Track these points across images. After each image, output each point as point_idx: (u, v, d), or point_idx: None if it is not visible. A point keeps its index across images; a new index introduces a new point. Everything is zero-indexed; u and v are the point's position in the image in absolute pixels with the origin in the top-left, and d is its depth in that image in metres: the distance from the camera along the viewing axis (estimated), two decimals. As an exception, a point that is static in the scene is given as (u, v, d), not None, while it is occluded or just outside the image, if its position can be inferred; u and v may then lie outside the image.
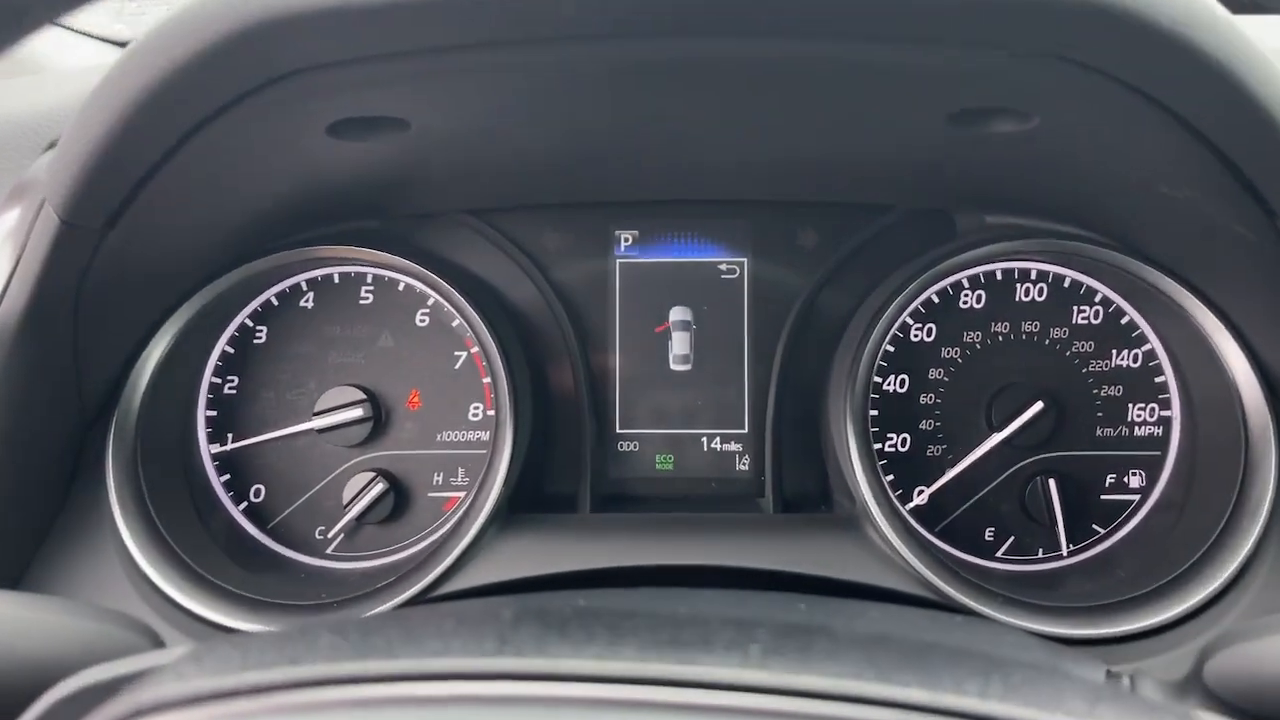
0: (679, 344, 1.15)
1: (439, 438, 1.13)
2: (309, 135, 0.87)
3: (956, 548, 1.11)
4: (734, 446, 1.15)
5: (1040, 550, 1.10)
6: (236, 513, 1.12)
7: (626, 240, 1.15)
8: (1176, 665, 0.93)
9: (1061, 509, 1.08)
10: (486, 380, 1.12)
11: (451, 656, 0.59)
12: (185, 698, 0.66)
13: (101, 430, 1.03)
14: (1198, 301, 1.02)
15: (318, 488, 1.12)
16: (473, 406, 1.13)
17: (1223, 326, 1.02)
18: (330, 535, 1.11)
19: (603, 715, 0.54)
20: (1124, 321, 1.09)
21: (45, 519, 1.02)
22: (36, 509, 0.99)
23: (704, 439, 1.16)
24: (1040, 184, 1.01)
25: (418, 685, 0.59)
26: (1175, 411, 1.07)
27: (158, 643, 0.86)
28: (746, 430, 1.14)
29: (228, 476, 1.12)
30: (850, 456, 1.04)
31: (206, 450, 1.12)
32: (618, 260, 1.15)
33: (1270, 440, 0.99)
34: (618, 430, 1.15)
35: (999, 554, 1.11)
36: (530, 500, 1.09)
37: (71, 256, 0.92)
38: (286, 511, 1.13)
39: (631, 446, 1.15)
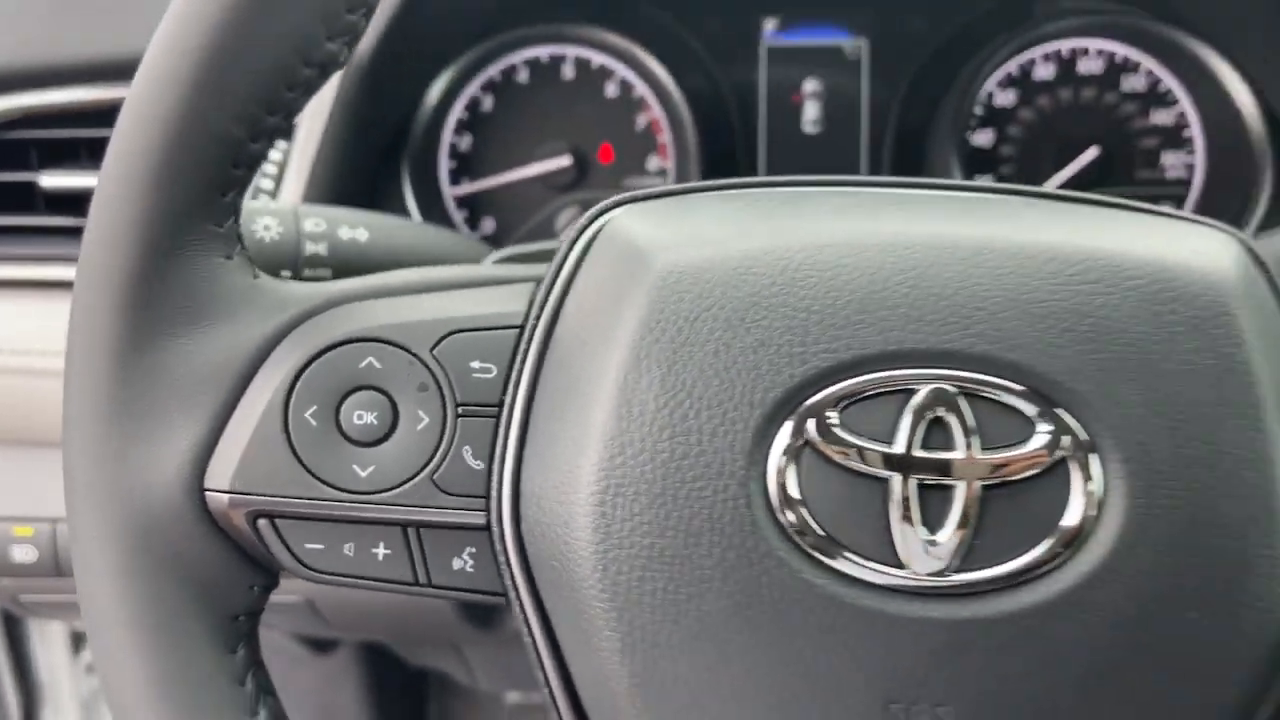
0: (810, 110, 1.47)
1: (623, 183, 1.45)
2: None
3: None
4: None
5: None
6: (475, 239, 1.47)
7: (770, 26, 1.46)
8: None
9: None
10: (662, 139, 1.45)
11: None
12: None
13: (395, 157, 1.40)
14: (1228, 65, 1.32)
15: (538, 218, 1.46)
16: (650, 158, 1.45)
17: (1246, 88, 1.32)
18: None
19: None
20: (1161, 88, 1.39)
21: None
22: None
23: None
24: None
25: None
26: (1198, 158, 1.39)
27: None
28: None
29: (465, 212, 1.46)
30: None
31: (449, 192, 1.46)
32: (766, 45, 1.46)
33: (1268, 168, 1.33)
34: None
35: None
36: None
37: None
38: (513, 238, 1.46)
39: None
